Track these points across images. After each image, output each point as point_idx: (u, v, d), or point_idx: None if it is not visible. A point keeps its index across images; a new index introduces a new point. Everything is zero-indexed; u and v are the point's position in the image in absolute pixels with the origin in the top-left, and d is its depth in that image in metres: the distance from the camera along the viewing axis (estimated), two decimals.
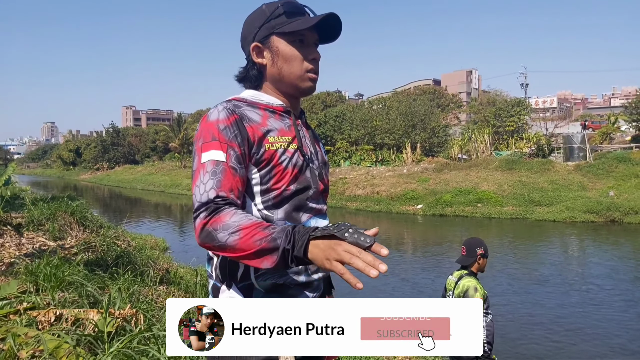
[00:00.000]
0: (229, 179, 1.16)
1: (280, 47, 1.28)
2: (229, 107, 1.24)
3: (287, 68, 1.29)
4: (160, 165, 45.99)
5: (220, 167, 1.16)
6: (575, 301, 8.26)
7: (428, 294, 8.88)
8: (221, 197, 1.13)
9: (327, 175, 1.44)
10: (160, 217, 21.77)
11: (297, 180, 1.27)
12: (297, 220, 1.27)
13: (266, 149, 1.23)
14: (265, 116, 1.28)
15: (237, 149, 1.19)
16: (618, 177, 19.72)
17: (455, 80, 69.31)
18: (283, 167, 1.24)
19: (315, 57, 1.31)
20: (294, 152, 1.27)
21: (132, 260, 6.21)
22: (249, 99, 1.31)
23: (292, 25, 1.26)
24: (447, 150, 28.42)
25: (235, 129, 1.20)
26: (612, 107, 63.34)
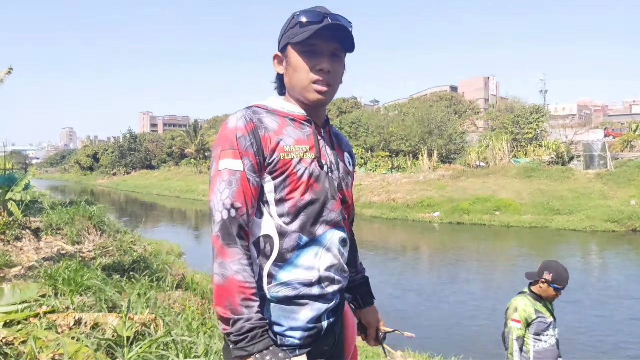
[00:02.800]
0: (244, 188, 1.19)
1: (292, 57, 1.29)
2: (247, 115, 1.24)
3: (295, 78, 1.29)
4: (176, 171, 46.36)
5: (236, 177, 1.19)
6: (597, 313, 8.06)
7: (448, 304, 8.76)
8: (235, 208, 1.17)
9: (349, 185, 1.42)
10: (176, 223, 21.89)
11: (313, 190, 1.26)
12: (313, 233, 1.26)
13: (280, 158, 1.23)
14: (283, 124, 1.28)
15: (252, 158, 1.20)
16: (639, 186, 19.31)
17: (472, 86, 68.86)
18: (298, 176, 1.24)
19: (323, 68, 1.27)
20: (311, 161, 1.27)
21: (148, 265, 6.22)
22: (270, 107, 1.31)
23: (301, 35, 1.26)
24: (464, 157, 28.12)
25: (251, 137, 1.21)
26: (633, 114, 62.28)
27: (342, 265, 1.34)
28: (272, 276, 1.23)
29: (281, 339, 1.22)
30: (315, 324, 1.26)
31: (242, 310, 1.12)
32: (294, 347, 1.23)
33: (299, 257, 1.24)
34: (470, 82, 69.64)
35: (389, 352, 1.72)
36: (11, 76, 5.81)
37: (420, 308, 8.50)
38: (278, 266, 1.23)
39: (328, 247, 1.29)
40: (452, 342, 6.71)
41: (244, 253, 1.17)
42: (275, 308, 1.23)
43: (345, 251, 1.37)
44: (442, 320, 7.81)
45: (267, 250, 1.24)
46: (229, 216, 1.17)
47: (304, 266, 1.25)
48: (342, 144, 1.46)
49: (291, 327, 1.23)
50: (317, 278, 1.26)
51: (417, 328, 7.41)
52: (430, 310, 8.35)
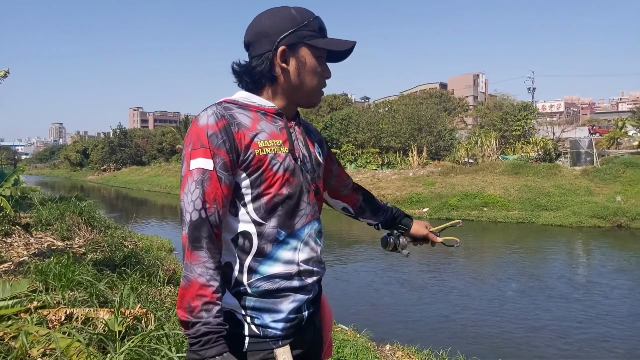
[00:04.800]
0: (214, 188, 1.18)
1: (307, 59, 1.29)
2: (218, 111, 1.22)
3: (310, 81, 1.31)
4: (166, 167, 46.06)
5: (206, 176, 1.17)
6: (582, 307, 8.21)
7: (436, 298, 8.87)
8: (205, 209, 1.16)
9: (320, 177, 1.42)
10: (166, 219, 21.82)
11: (289, 184, 1.27)
12: (291, 228, 1.27)
13: (255, 154, 1.22)
14: (256, 119, 1.27)
15: (225, 156, 1.19)
16: (625, 183, 19.59)
17: (462, 84, 69.19)
18: (274, 172, 1.24)
19: (329, 76, 1.36)
20: (285, 155, 1.26)
21: (139, 261, 6.24)
22: (241, 101, 1.29)
23: (324, 42, 1.30)
24: (453, 154, 28.31)
25: (224, 135, 1.19)
26: (619, 112, 63.00)
27: (319, 257, 1.37)
28: (252, 271, 1.24)
29: (264, 331, 1.24)
30: (296, 315, 1.28)
31: (201, 314, 1.12)
32: (277, 338, 1.25)
33: (278, 251, 1.26)
34: (459, 80, 69.96)
35: (449, 241, 1.81)
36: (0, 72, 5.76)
37: (409, 302, 8.60)
38: (258, 261, 1.24)
39: (306, 241, 1.30)
40: (440, 335, 6.82)
41: (210, 256, 1.16)
42: (258, 302, 1.24)
43: (322, 242, 1.39)
44: (430, 314, 7.92)
45: (246, 246, 1.25)
46: (198, 217, 1.17)
47: (284, 260, 1.26)
48: (311, 134, 1.46)
49: (274, 319, 1.25)
50: (297, 271, 1.28)
51: (405, 322, 7.51)
52: (418, 304, 8.46)
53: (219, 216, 1.19)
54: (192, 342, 1.12)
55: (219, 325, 1.13)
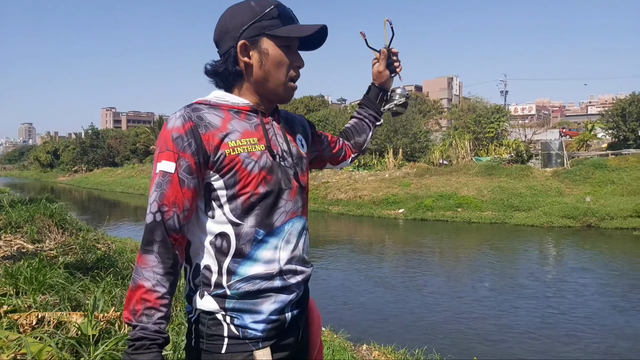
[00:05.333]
0: (174, 192, 1.15)
1: (270, 50, 1.23)
2: (185, 114, 1.19)
3: (275, 72, 1.25)
4: (140, 168, 45.37)
5: (166, 179, 1.15)
6: (553, 304, 8.41)
7: (412, 297, 8.96)
8: (162, 212, 1.14)
9: (304, 170, 1.36)
10: (140, 220, 21.49)
11: (267, 182, 1.22)
12: (271, 226, 1.23)
13: (226, 155, 1.18)
14: (228, 118, 1.22)
15: (190, 159, 1.15)
16: (594, 184, 20.15)
17: (436, 86, 70.11)
18: (248, 171, 1.19)
19: (301, 65, 1.29)
20: (261, 153, 1.22)
21: (113, 263, 6.13)
22: (213, 101, 1.25)
23: (285, 30, 1.23)
24: (428, 155, 28.67)
25: (190, 137, 1.16)
26: (589, 114, 64.81)
27: (303, 255, 1.32)
28: (231, 273, 1.20)
29: (244, 332, 1.20)
30: (278, 316, 1.24)
31: (141, 319, 1.10)
32: (257, 339, 1.21)
33: (257, 251, 1.22)
34: (434, 82, 70.90)
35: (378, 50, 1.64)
36: None
37: (384, 301, 8.67)
38: (237, 262, 1.21)
39: (287, 239, 1.26)
40: (416, 334, 6.89)
41: (159, 261, 1.13)
42: (238, 303, 1.20)
43: (306, 240, 1.34)
44: (406, 313, 8.00)
45: (224, 247, 1.21)
46: (152, 220, 1.14)
47: (264, 260, 1.22)
48: (294, 126, 1.41)
49: (254, 319, 1.21)
50: (279, 271, 1.24)
51: (381, 321, 7.57)
52: (394, 304, 8.54)
53: (178, 220, 1.15)
54: (129, 344, 1.11)
55: (157, 333, 1.10)
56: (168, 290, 1.14)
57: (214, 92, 1.29)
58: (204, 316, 1.21)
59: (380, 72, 1.67)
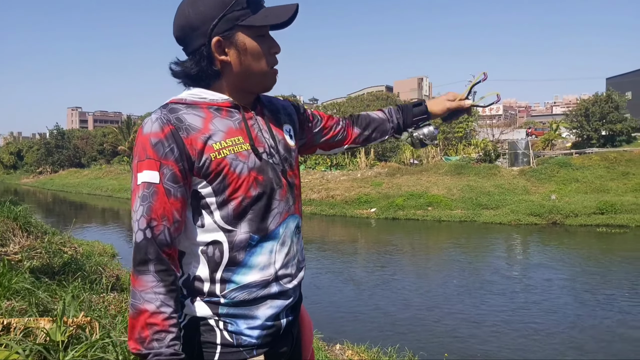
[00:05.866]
0: (162, 203, 1.05)
1: (247, 43, 1.12)
2: (163, 115, 1.08)
3: (256, 66, 1.14)
4: (108, 169, 44.42)
5: (151, 190, 1.05)
6: (520, 300, 8.64)
7: (384, 296, 9.05)
8: (151, 227, 1.04)
9: (293, 165, 1.25)
10: (108, 223, 21.07)
11: (258, 183, 1.12)
12: (265, 230, 1.14)
13: (212, 159, 1.08)
14: (209, 118, 1.12)
15: (173, 166, 1.05)
16: (559, 182, 20.77)
17: (407, 87, 70.90)
18: (237, 174, 1.10)
19: (277, 50, 1.18)
20: (248, 153, 1.12)
21: (80, 267, 5.99)
22: (189, 99, 1.14)
23: (260, 18, 1.11)
24: (399, 155, 29.01)
25: (171, 142, 1.05)
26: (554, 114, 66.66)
27: (298, 257, 1.24)
28: (225, 282, 1.12)
29: (238, 339, 1.12)
30: (274, 322, 1.17)
31: (152, 345, 1.02)
32: (252, 347, 1.13)
33: (252, 258, 1.13)
34: (404, 83, 71.69)
35: (484, 100, 1.58)
36: None
37: (356, 300, 8.74)
38: (231, 271, 1.12)
39: (283, 241, 1.18)
40: (388, 332, 6.97)
41: (158, 279, 1.04)
42: (232, 309, 1.13)
43: (300, 239, 1.27)
44: (378, 312, 8.08)
45: (216, 256, 1.12)
46: (143, 238, 1.04)
47: (260, 266, 1.14)
48: (279, 116, 1.29)
49: (249, 325, 1.13)
50: (275, 276, 1.16)
51: (353, 320, 7.63)
52: (365, 303, 8.61)
53: (169, 234, 1.06)
54: None
55: (173, 355, 1.03)
56: (174, 309, 1.05)
57: (187, 89, 1.18)
58: (196, 321, 1.13)
59: (448, 108, 1.53)
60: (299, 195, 1.27)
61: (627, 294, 8.91)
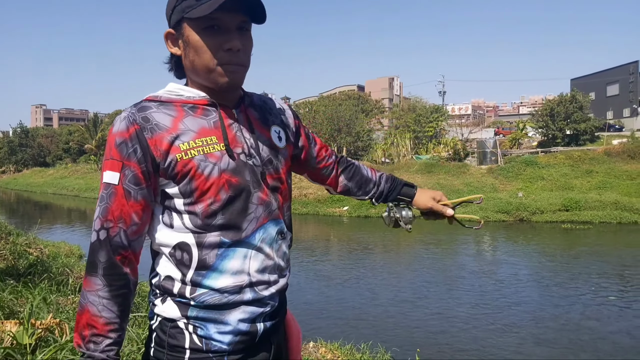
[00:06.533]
0: (119, 205, 1.03)
1: (190, 35, 1.06)
2: (130, 114, 1.05)
3: (199, 60, 1.07)
4: (74, 168, 43.34)
5: (109, 191, 1.03)
6: (488, 295, 8.83)
7: (356, 293, 9.10)
8: (106, 229, 1.03)
9: (279, 168, 1.18)
10: (75, 223, 20.55)
11: (231, 186, 1.07)
12: (238, 235, 1.08)
13: (177, 160, 1.03)
14: (180, 116, 1.07)
15: (135, 167, 1.03)
16: (526, 180, 21.34)
17: (378, 86, 71.48)
18: (205, 176, 1.04)
19: (232, 47, 1.06)
20: (222, 154, 1.07)
21: (47, 269, 5.84)
22: (164, 97, 1.10)
23: (199, 9, 1.02)
24: (371, 153, 29.26)
25: (134, 142, 1.03)
26: (520, 114, 68.40)
27: (278, 264, 1.17)
28: (195, 285, 1.07)
29: (207, 344, 1.07)
30: (248, 328, 1.10)
31: (89, 346, 1.02)
32: (222, 353, 1.08)
33: (223, 262, 1.08)
34: (376, 82, 72.26)
35: (468, 221, 1.57)
36: None
37: (330, 298, 8.77)
38: (201, 275, 1.07)
39: (259, 247, 1.11)
40: (361, 329, 7.02)
41: (105, 284, 1.02)
42: (202, 311, 1.08)
43: (284, 245, 1.20)
44: (351, 309, 8.13)
45: (185, 259, 1.07)
46: (96, 239, 1.03)
47: (231, 272, 1.08)
48: (269, 116, 1.23)
49: (219, 330, 1.08)
50: (248, 282, 1.10)
51: (327, 318, 7.66)
52: (340, 300, 8.66)
53: (126, 236, 1.04)
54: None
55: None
56: (117, 315, 1.04)
57: (168, 85, 1.14)
58: (165, 323, 1.09)
59: (431, 207, 1.52)
60: (285, 201, 1.21)
61: (593, 287, 9.22)
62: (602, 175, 20.95)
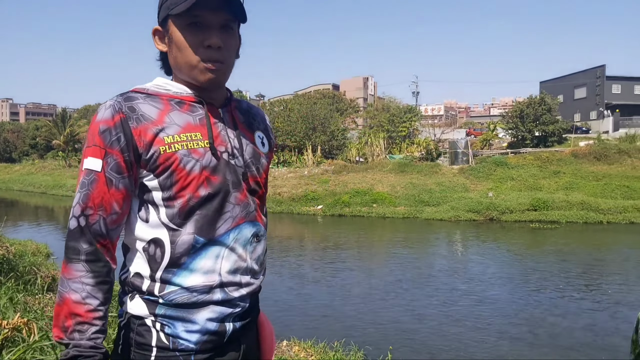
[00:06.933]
0: (100, 192, 1.03)
1: (174, 32, 1.09)
2: (117, 103, 1.05)
3: (181, 57, 1.09)
4: (41, 165, 42.21)
5: (91, 178, 1.03)
6: (459, 293, 9.00)
7: (330, 292, 9.15)
8: (86, 216, 1.02)
9: (260, 171, 1.20)
10: (42, 221, 20.03)
11: (210, 183, 1.08)
12: (212, 234, 1.09)
13: (160, 153, 1.04)
14: (166, 110, 1.08)
15: (118, 156, 1.03)
16: (496, 180, 21.79)
17: (353, 86, 71.79)
18: (186, 171, 1.05)
19: (212, 44, 1.07)
20: (205, 151, 1.08)
21: (13, 268, 5.69)
22: (151, 89, 1.11)
23: (181, 5, 1.04)
24: (345, 152, 29.40)
25: (119, 131, 1.03)
26: (491, 115, 69.74)
27: (251, 266, 1.17)
28: (165, 282, 1.07)
29: (174, 342, 1.07)
30: (217, 328, 1.10)
31: (73, 335, 1.00)
32: (189, 352, 1.07)
33: (195, 261, 1.08)
34: (351, 82, 72.56)
35: None
36: None
37: (303, 296, 8.79)
38: (171, 272, 1.07)
39: (232, 247, 1.12)
40: (334, 327, 7.07)
41: (88, 269, 1.01)
42: (170, 309, 1.07)
43: (259, 248, 1.20)
44: (325, 307, 8.17)
45: (157, 255, 1.07)
46: (77, 225, 1.02)
47: (202, 271, 1.08)
48: (253, 122, 1.24)
49: (187, 329, 1.08)
50: (219, 283, 1.10)
51: (301, 316, 7.67)
52: (313, 298, 8.69)
53: (105, 225, 1.03)
54: None
55: (93, 349, 1.00)
56: (101, 302, 1.03)
57: (156, 79, 1.16)
58: (134, 321, 1.09)
59: None
60: (263, 204, 1.24)
61: (562, 285, 9.48)
62: (569, 176, 21.55)
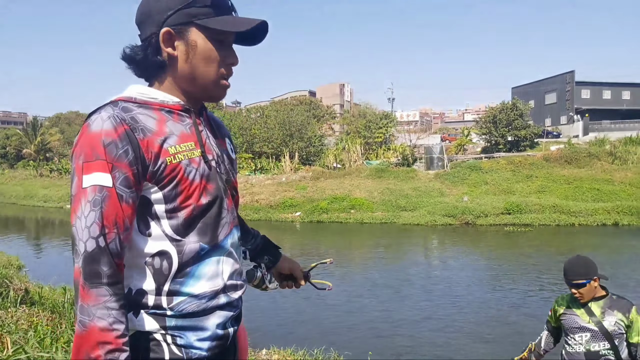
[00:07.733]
0: (114, 209, 0.97)
1: (199, 42, 1.07)
2: (116, 114, 0.99)
3: (204, 69, 1.08)
4: (11, 174, 41.11)
5: (103, 194, 0.96)
6: (436, 297, 9.11)
7: (308, 299, 9.16)
8: (104, 235, 0.95)
9: (234, 176, 1.22)
10: (12, 233, 19.51)
11: (207, 192, 1.08)
12: (215, 240, 1.09)
13: (167, 164, 1.02)
14: (162, 120, 1.06)
15: (126, 169, 0.97)
16: (471, 184, 22.13)
17: (329, 92, 71.97)
18: (190, 180, 1.04)
19: (234, 63, 1.12)
20: (199, 160, 1.07)
21: None
22: (139, 98, 1.06)
23: (219, 21, 1.06)
24: (322, 159, 29.47)
25: (125, 143, 0.97)
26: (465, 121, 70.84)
27: (241, 268, 1.22)
28: (173, 294, 1.05)
29: (187, 353, 1.06)
30: (223, 333, 1.12)
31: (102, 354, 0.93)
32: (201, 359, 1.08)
33: (200, 268, 1.08)
34: (327, 88, 72.75)
35: (320, 284, 1.71)
36: None
37: (282, 304, 8.77)
38: (179, 283, 1.06)
39: (230, 252, 1.15)
40: (315, 334, 7.07)
41: (112, 293, 0.95)
42: (180, 320, 1.06)
43: (241, 251, 1.24)
44: (304, 315, 8.18)
45: (164, 268, 1.05)
46: (96, 246, 0.95)
47: (208, 277, 1.09)
48: (221, 129, 1.26)
49: (199, 337, 1.07)
50: (223, 287, 1.11)
51: (279, 325, 7.66)
52: (292, 306, 8.67)
53: (120, 243, 0.98)
54: None
55: None
56: (126, 326, 0.97)
57: (134, 87, 1.10)
58: (140, 337, 1.04)
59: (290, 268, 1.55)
60: (237, 209, 1.25)
61: (538, 287, 9.68)
62: (542, 179, 22.03)
